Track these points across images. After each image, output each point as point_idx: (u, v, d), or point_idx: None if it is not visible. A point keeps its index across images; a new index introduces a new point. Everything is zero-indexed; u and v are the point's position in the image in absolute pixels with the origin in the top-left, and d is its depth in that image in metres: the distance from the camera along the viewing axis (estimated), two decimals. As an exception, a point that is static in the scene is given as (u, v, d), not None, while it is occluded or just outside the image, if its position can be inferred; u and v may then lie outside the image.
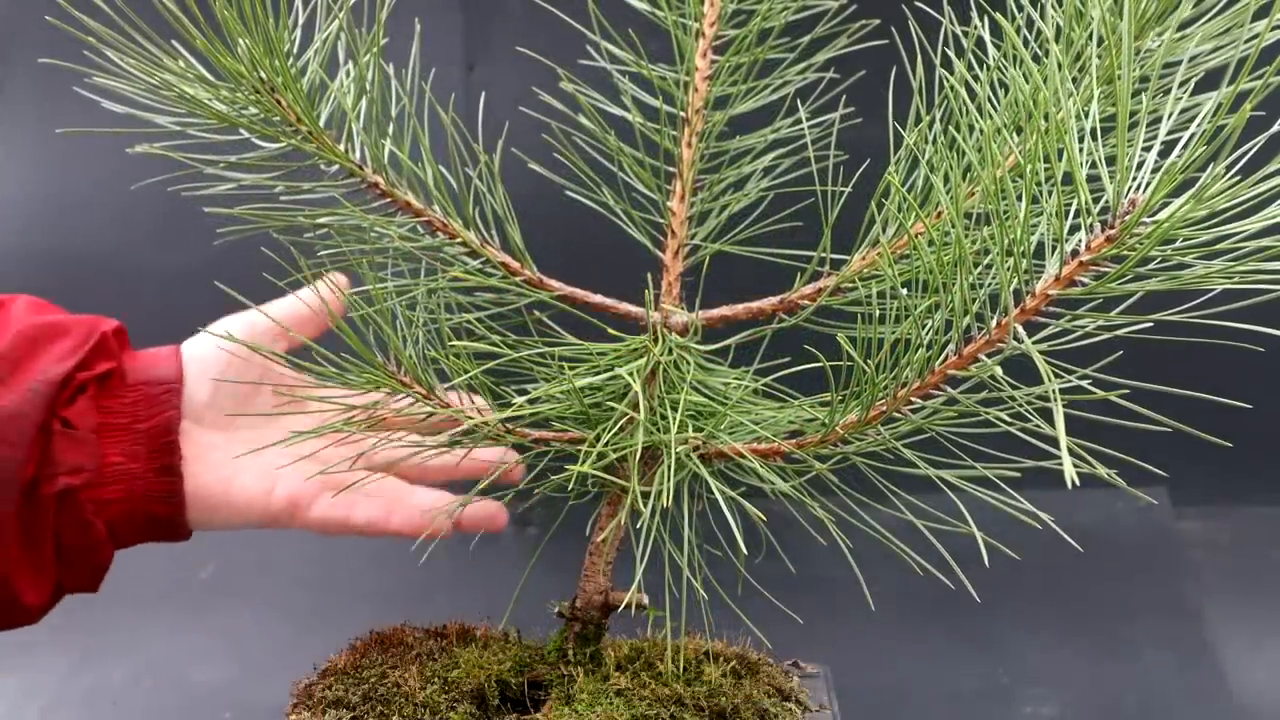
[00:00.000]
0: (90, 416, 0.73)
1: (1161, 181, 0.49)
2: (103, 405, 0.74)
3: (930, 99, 0.65)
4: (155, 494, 0.73)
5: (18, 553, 0.70)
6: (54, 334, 0.74)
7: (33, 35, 1.36)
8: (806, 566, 0.73)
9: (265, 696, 1.01)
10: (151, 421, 0.74)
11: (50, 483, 0.70)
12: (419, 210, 0.71)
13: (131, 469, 0.73)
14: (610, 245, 0.76)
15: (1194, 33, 0.61)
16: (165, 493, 0.74)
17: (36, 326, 0.74)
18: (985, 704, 1.12)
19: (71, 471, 0.71)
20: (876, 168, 0.66)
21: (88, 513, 0.71)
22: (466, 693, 0.68)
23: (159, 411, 0.74)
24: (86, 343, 0.74)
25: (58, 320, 0.75)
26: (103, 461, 0.72)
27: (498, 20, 1.35)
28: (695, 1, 0.73)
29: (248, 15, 0.63)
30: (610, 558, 0.71)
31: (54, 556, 0.72)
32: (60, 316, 0.76)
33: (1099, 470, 0.55)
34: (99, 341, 0.75)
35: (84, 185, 1.40)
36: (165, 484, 0.74)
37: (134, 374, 0.76)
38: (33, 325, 0.74)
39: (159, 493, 0.73)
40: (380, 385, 0.69)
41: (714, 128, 0.74)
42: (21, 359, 0.72)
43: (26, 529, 0.70)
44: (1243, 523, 1.36)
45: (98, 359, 0.74)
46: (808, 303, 0.68)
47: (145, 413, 0.74)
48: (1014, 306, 0.54)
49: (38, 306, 0.77)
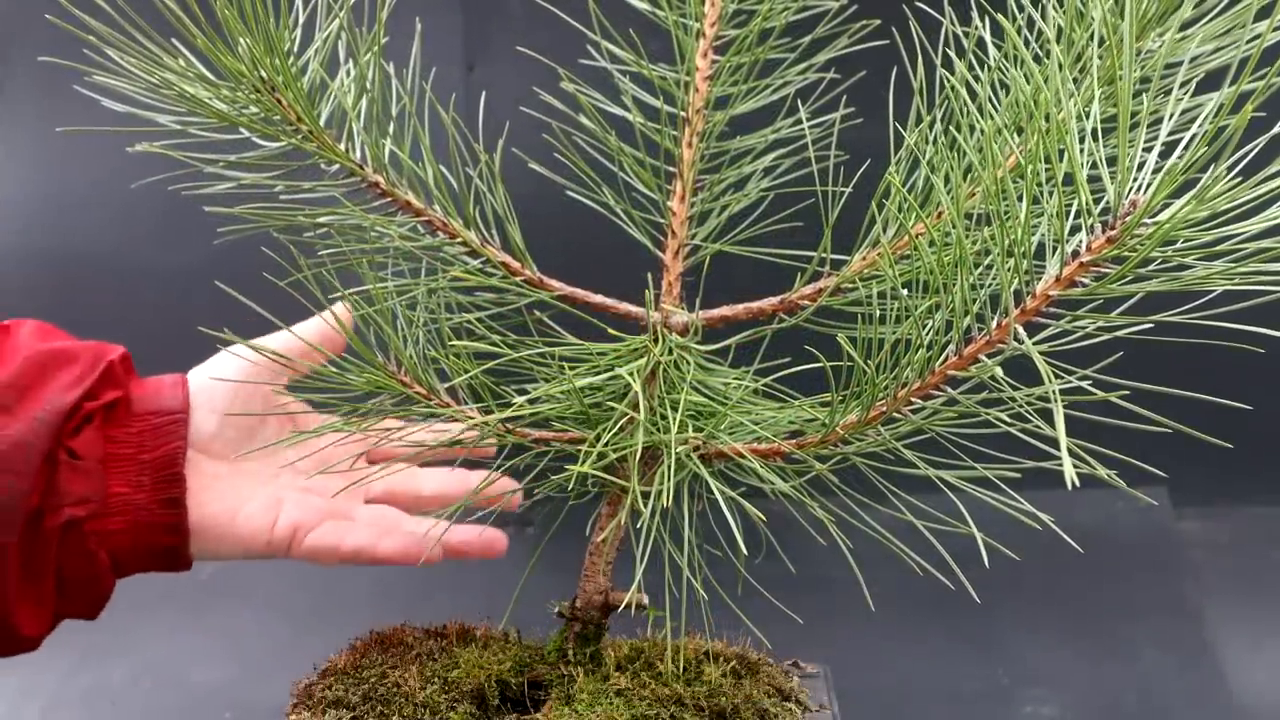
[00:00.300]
0: (96, 447, 0.72)
1: (1162, 182, 0.49)
2: (109, 435, 0.73)
3: (931, 99, 0.65)
4: (159, 525, 0.73)
5: (18, 585, 0.69)
6: (61, 361, 0.73)
7: (33, 34, 1.36)
8: (806, 566, 0.73)
9: (265, 696, 1.01)
10: (157, 452, 0.73)
11: (55, 514, 0.70)
12: (419, 210, 0.71)
13: (136, 500, 0.72)
14: (611, 245, 0.76)
15: (1195, 33, 0.61)
16: (169, 524, 0.73)
17: (44, 353, 0.73)
18: (985, 704, 1.12)
19: (77, 503, 0.70)
20: (877, 168, 0.66)
21: (91, 544, 0.71)
22: (466, 693, 0.68)
23: (164, 442, 0.74)
24: (93, 371, 0.73)
25: (64, 347, 0.75)
26: (107, 492, 0.72)
27: (498, 20, 1.35)
28: (696, 1, 0.73)
29: (248, 14, 0.63)
30: (610, 558, 0.71)
31: (55, 588, 0.72)
32: (67, 343, 0.76)
33: (1099, 471, 0.55)
34: (106, 370, 0.74)
35: (84, 184, 1.39)
36: (170, 515, 0.73)
37: (140, 403, 0.75)
38: (40, 352, 0.73)
39: (163, 524, 0.73)
40: (381, 386, 0.69)
41: (714, 128, 0.74)
42: (29, 387, 0.71)
43: (28, 560, 0.70)
44: (1243, 523, 1.36)
45: (104, 388, 0.74)
46: (808, 303, 0.68)
47: (151, 443, 0.74)
48: (1014, 307, 0.54)
49: (44, 332, 0.77)
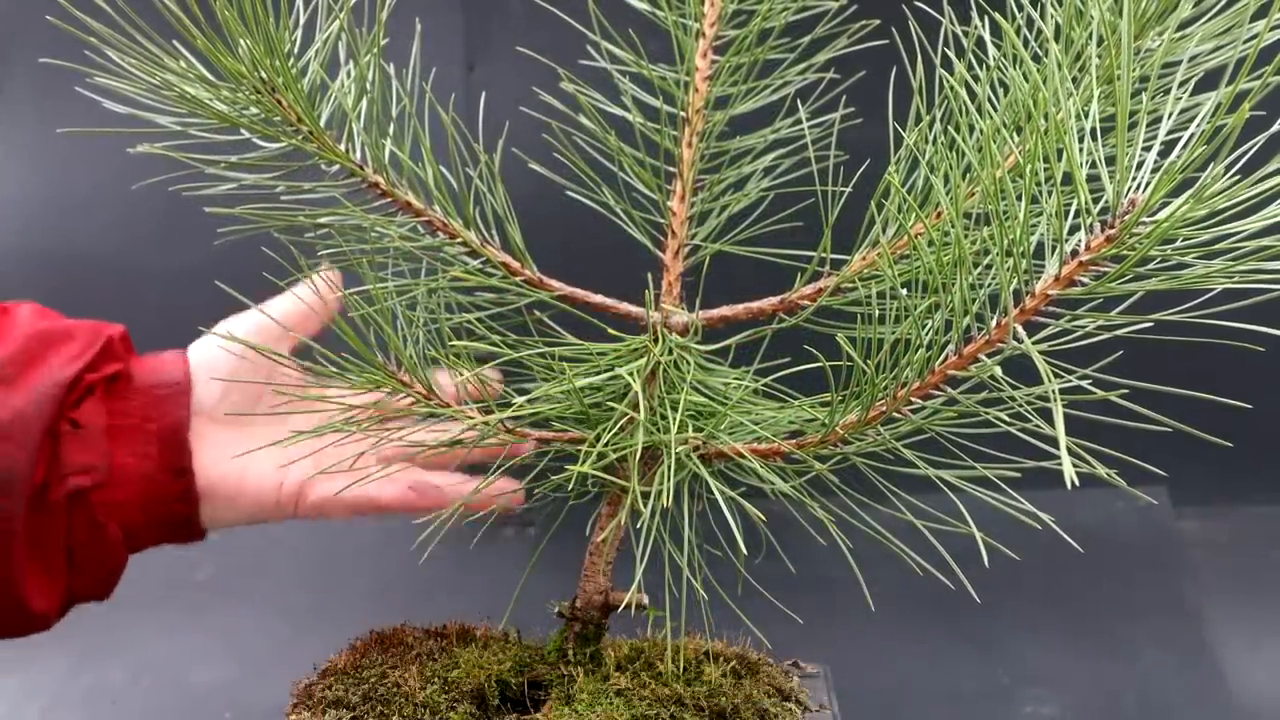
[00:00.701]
0: (99, 417, 0.72)
1: (1161, 181, 0.49)
2: (111, 408, 0.74)
3: (930, 99, 0.65)
4: (169, 494, 0.73)
5: (25, 558, 0.70)
6: (60, 338, 0.74)
7: (33, 35, 1.36)
8: (806, 566, 0.73)
9: (265, 696, 1.01)
10: (161, 422, 0.74)
11: (60, 485, 0.70)
12: (419, 210, 0.71)
13: (143, 470, 0.73)
14: (611, 245, 0.76)
15: (1194, 32, 0.61)
16: (179, 492, 0.73)
17: (43, 331, 0.74)
18: (985, 704, 1.12)
19: (81, 471, 0.71)
20: (876, 168, 0.66)
21: (99, 515, 0.71)
22: (466, 693, 0.68)
23: (168, 412, 0.74)
24: (92, 346, 0.74)
25: (64, 325, 0.75)
26: (113, 463, 0.72)
27: (498, 20, 1.35)
28: (695, 2, 0.73)
29: (249, 15, 0.63)
30: (610, 558, 0.71)
31: (65, 562, 0.72)
32: (65, 321, 0.76)
33: (1099, 470, 0.55)
34: (105, 345, 0.75)
35: (84, 185, 1.39)
36: (178, 484, 0.73)
37: (141, 377, 0.76)
38: (39, 330, 0.74)
39: (173, 493, 0.73)
40: (380, 385, 0.69)
41: (714, 128, 0.74)
42: (29, 362, 0.72)
43: (35, 534, 0.70)
44: (1243, 523, 1.36)
45: (105, 362, 0.74)
46: (808, 303, 0.68)
47: (155, 414, 0.74)
48: (1014, 307, 0.54)
49: (41, 313, 0.77)
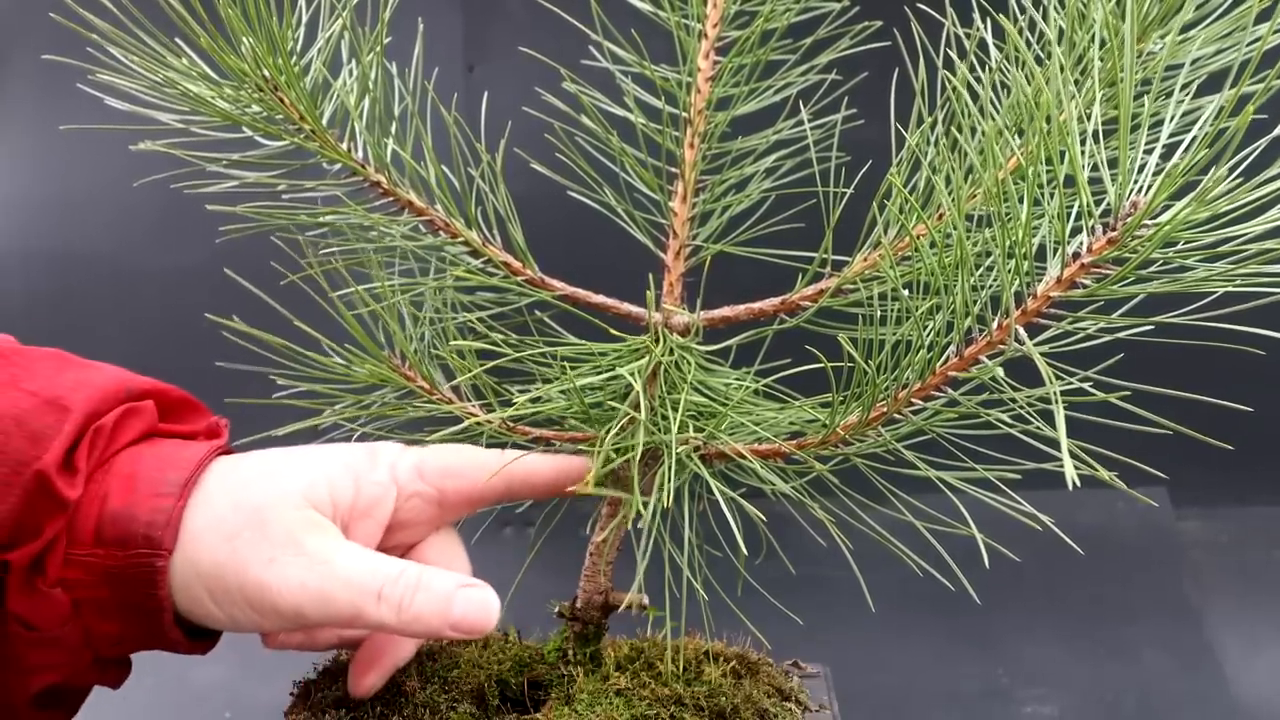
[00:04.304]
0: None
1: (1163, 184, 0.49)
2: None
3: (932, 101, 0.65)
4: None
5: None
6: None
7: (35, 32, 1.37)
8: (806, 566, 0.73)
9: (265, 696, 1.01)
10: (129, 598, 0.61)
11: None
12: (421, 209, 0.71)
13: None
14: (612, 245, 0.76)
15: (1196, 36, 0.61)
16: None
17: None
18: (985, 704, 1.12)
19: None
20: (878, 169, 0.66)
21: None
22: (466, 693, 0.68)
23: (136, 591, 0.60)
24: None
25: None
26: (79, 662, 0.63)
27: (498, 20, 1.35)
28: (698, 2, 0.73)
29: (251, 14, 0.63)
30: (610, 558, 0.71)
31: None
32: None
33: (1099, 472, 0.55)
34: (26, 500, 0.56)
35: (86, 183, 1.40)
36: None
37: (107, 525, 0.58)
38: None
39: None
40: (383, 378, 0.69)
41: (716, 129, 0.74)
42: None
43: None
44: (1243, 523, 1.37)
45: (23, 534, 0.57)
46: (809, 304, 0.68)
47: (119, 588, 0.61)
48: (1015, 308, 0.55)
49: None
